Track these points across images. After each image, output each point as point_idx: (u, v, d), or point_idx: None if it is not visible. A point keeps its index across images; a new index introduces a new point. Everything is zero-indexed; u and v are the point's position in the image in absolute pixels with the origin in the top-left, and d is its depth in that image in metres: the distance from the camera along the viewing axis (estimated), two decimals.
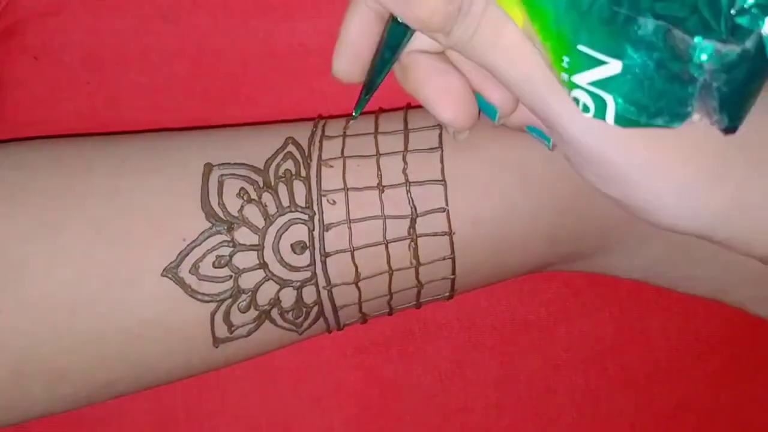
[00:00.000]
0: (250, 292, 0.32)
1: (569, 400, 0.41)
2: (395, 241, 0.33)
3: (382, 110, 0.35)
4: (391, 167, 0.33)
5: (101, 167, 0.33)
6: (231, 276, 0.32)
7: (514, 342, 0.40)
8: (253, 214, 0.32)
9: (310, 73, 0.37)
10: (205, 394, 0.39)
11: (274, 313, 0.33)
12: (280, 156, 0.33)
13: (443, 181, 0.33)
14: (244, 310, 0.32)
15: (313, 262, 0.32)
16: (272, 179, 0.33)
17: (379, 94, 0.32)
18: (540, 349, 0.40)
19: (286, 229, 0.32)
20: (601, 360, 0.41)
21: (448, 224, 0.33)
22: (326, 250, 0.32)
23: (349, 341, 0.39)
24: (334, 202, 0.32)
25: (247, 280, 0.32)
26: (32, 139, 0.35)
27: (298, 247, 0.32)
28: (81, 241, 0.31)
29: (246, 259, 0.32)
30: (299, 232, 0.32)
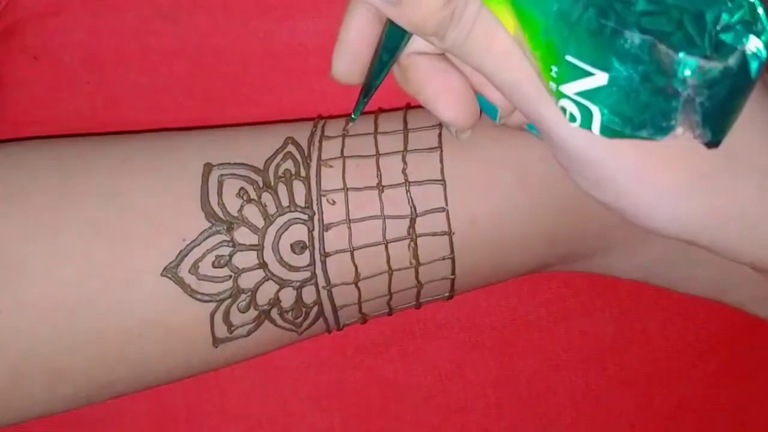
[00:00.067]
0: (250, 292, 0.32)
1: (569, 400, 0.41)
2: (395, 241, 0.33)
3: (381, 110, 0.35)
4: (390, 167, 0.33)
5: (101, 167, 0.33)
6: (231, 276, 0.32)
7: (514, 342, 0.40)
8: (253, 214, 0.32)
9: (310, 73, 0.37)
10: (205, 394, 0.39)
11: (274, 313, 0.33)
12: (280, 156, 0.33)
13: (443, 181, 0.33)
14: (243, 310, 0.32)
15: (312, 262, 0.32)
16: (272, 179, 0.33)
17: (379, 95, 0.32)
18: (540, 349, 0.40)
19: (286, 229, 0.32)
20: (601, 360, 0.41)
21: (447, 224, 0.33)
22: (326, 250, 0.32)
23: (349, 341, 0.39)
24: (334, 202, 0.32)
25: (246, 280, 0.32)
26: (32, 139, 0.35)
27: (298, 247, 0.32)
28: (81, 241, 0.31)
29: (246, 259, 0.32)
30: (299, 232, 0.32)
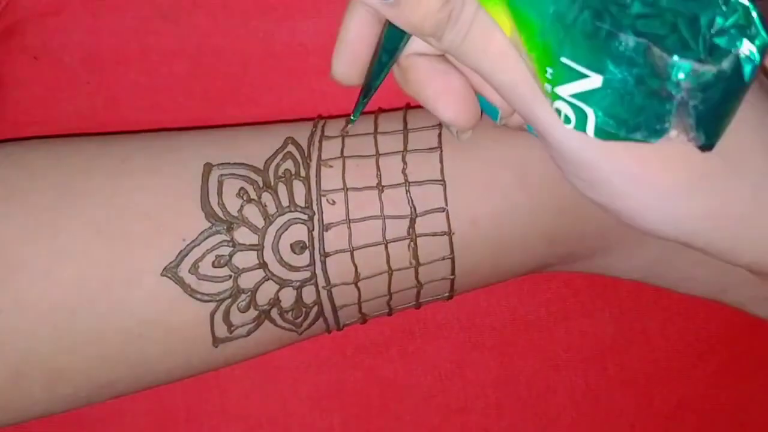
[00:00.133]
0: (250, 292, 0.32)
1: (569, 400, 0.41)
2: (395, 241, 0.33)
3: (381, 110, 0.35)
4: (390, 167, 0.33)
5: (101, 167, 0.33)
6: (230, 276, 0.32)
7: (514, 342, 0.40)
8: (253, 213, 0.32)
9: (310, 73, 0.37)
10: (205, 394, 0.39)
11: (274, 313, 0.33)
12: (280, 156, 0.33)
13: (442, 181, 0.33)
14: (243, 310, 0.32)
15: (312, 262, 0.32)
16: (272, 179, 0.33)
17: (379, 95, 0.32)
18: (540, 349, 0.40)
19: (286, 229, 0.32)
20: (601, 360, 0.41)
21: (447, 224, 0.33)
22: (326, 250, 0.32)
23: (349, 341, 0.39)
24: (334, 202, 0.32)
25: (246, 279, 0.32)
26: (32, 139, 0.35)
27: (298, 246, 0.32)
28: (81, 241, 0.31)
29: (245, 258, 0.32)
30: (299, 232, 0.32)
